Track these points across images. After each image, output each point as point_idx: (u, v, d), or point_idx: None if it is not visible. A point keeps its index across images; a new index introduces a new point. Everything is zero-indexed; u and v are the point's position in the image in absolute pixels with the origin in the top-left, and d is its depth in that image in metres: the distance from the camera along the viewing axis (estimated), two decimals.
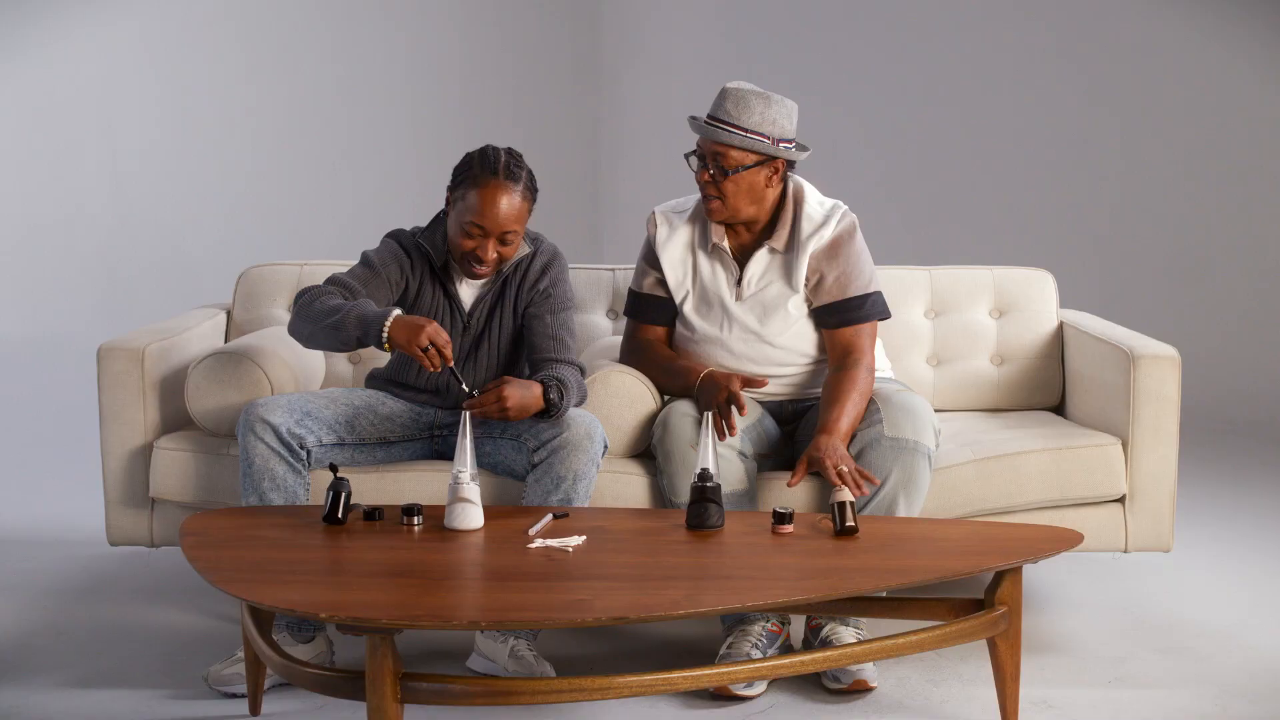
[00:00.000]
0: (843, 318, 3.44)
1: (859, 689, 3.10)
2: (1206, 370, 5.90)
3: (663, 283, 3.53)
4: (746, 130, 3.34)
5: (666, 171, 8.10)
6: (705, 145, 3.39)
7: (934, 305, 4.02)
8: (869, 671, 3.11)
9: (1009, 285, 4.04)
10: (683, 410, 3.33)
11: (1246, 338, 6.45)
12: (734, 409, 3.25)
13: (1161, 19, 6.73)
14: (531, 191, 3.30)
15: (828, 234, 3.42)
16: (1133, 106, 6.81)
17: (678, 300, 3.51)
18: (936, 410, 3.96)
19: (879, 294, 3.48)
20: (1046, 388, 3.97)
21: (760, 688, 3.10)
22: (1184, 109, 6.70)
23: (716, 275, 3.49)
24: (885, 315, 3.50)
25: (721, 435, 3.23)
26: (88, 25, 6.76)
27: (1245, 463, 5.37)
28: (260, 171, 7.25)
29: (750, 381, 3.30)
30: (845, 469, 3.16)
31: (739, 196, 3.39)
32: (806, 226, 3.43)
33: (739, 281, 3.47)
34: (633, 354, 3.55)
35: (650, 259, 3.55)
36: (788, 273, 3.45)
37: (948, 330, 4.00)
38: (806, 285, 3.45)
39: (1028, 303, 4.01)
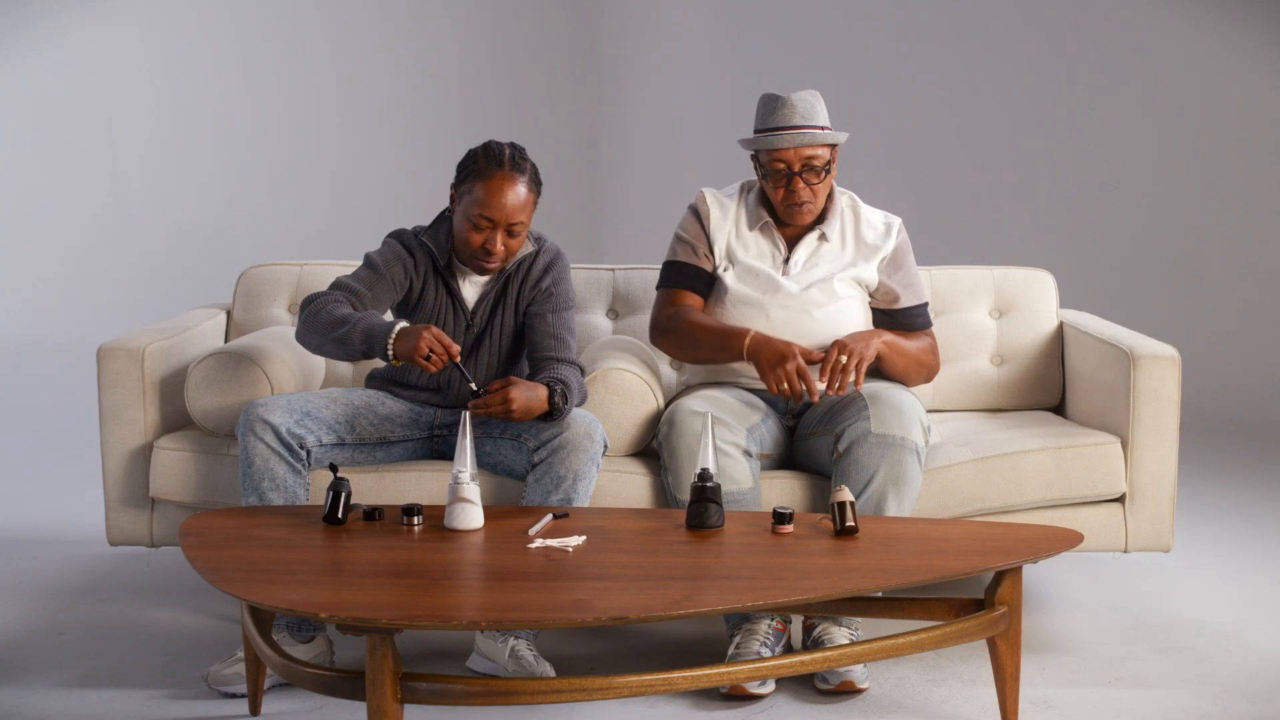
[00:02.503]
0: (906, 324, 3.59)
1: (846, 690, 3.10)
2: (1206, 370, 5.91)
3: (705, 256, 3.59)
4: (825, 127, 3.48)
5: (666, 171, 8.13)
6: (794, 155, 3.45)
7: (934, 305, 4.02)
8: (857, 673, 3.11)
9: (1009, 285, 4.04)
10: (689, 407, 3.33)
11: (1246, 338, 6.45)
12: (806, 376, 3.35)
13: (1161, 19, 6.73)
14: (536, 184, 3.32)
15: (890, 246, 3.57)
16: (1132, 107, 6.81)
17: (721, 269, 3.58)
18: (937, 410, 3.97)
19: (927, 304, 3.66)
20: (1046, 388, 3.97)
21: (771, 685, 3.11)
22: (1184, 109, 6.70)
23: (764, 250, 3.57)
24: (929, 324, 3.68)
25: (814, 397, 3.33)
26: (88, 25, 6.75)
27: (1245, 463, 5.37)
28: (260, 171, 7.25)
29: (806, 353, 3.38)
30: (845, 359, 3.30)
31: (824, 192, 3.52)
32: (869, 232, 3.58)
33: (786, 260, 3.55)
34: (667, 320, 3.57)
35: (695, 231, 3.61)
36: (837, 260, 3.55)
37: (948, 330, 3.99)
38: (871, 289, 3.58)
39: (1028, 303, 4.02)
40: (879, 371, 3.53)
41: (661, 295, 3.63)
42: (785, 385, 3.34)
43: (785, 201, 3.49)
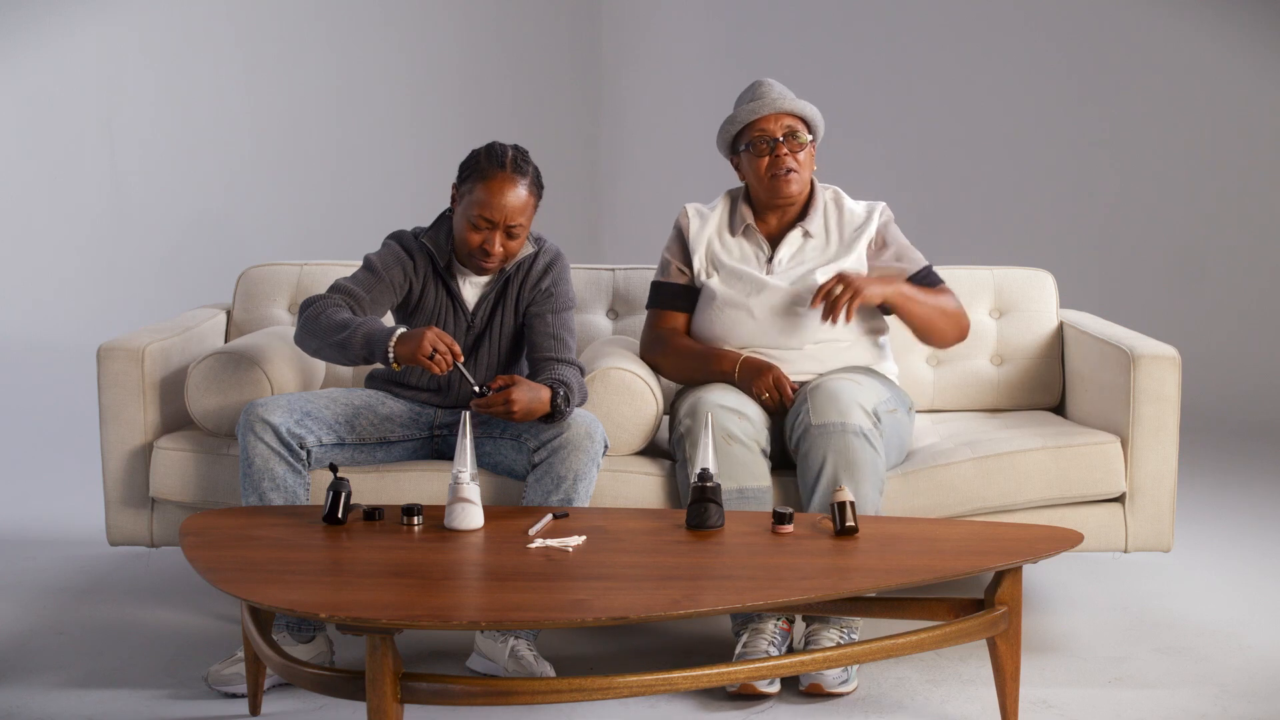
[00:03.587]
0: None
1: (814, 692, 3.08)
2: (1206, 370, 5.90)
3: (679, 270, 3.63)
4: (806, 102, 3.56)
5: (666, 172, 8.12)
6: (776, 122, 3.49)
7: None
8: (827, 678, 3.07)
9: (1009, 285, 4.04)
10: (714, 400, 3.34)
11: (1246, 338, 6.45)
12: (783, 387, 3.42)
13: (1161, 19, 6.73)
14: (538, 187, 3.32)
15: (873, 227, 3.59)
16: (1132, 107, 6.81)
17: (705, 277, 3.60)
18: (937, 410, 3.96)
19: (930, 266, 3.64)
20: (1046, 388, 3.97)
21: (778, 685, 3.10)
22: (1184, 109, 6.70)
23: (746, 253, 3.59)
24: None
25: (776, 407, 3.41)
26: (88, 25, 6.76)
27: (1245, 463, 5.37)
28: (260, 171, 7.26)
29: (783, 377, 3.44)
30: (839, 290, 3.35)
31: (807, 166, 3.55)
32: (850, 221, 3.59)
33: (770, 259, 3.57)
34: (656, 342, 3.62)
35: (674, 248, 3.66)
36: (821, 255, 3.56)
37: None
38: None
39: (1028, 303, 4.02)
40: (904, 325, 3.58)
41: (647, 317, 3.69)
42: (765, 394, 3.40)
43: (771, 172, 3.50)
